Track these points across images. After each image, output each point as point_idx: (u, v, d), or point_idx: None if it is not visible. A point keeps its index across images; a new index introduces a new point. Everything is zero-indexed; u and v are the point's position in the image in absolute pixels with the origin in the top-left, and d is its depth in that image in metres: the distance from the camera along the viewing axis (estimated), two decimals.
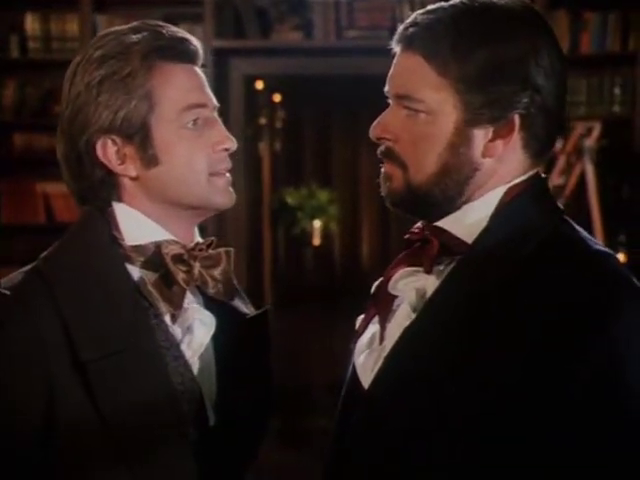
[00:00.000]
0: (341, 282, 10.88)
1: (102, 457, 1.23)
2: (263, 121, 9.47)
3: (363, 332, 1.28)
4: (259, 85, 7.94)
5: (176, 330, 1.31)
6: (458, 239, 1.21)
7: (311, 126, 11.44)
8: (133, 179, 1.30)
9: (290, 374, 7.37)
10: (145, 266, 1.29)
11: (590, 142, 4.57)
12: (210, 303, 1.37)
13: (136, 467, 1.24)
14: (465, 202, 1.22)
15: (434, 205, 1.24)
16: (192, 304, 1.33)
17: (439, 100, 1.19)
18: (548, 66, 1.19)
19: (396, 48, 1.26)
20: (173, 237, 1.31)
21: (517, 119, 1.18)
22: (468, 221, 1.21)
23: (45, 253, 1.32)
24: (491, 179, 1.22)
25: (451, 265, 1.21)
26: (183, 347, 1.31)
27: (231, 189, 1.34)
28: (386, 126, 1.24)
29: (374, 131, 1.25)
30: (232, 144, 1.32)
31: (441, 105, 1.19)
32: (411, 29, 1.21)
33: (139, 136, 1.28)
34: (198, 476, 1.29)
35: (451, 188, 1.22)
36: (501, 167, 1.21)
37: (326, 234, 11.20)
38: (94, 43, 1.32)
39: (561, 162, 4.62)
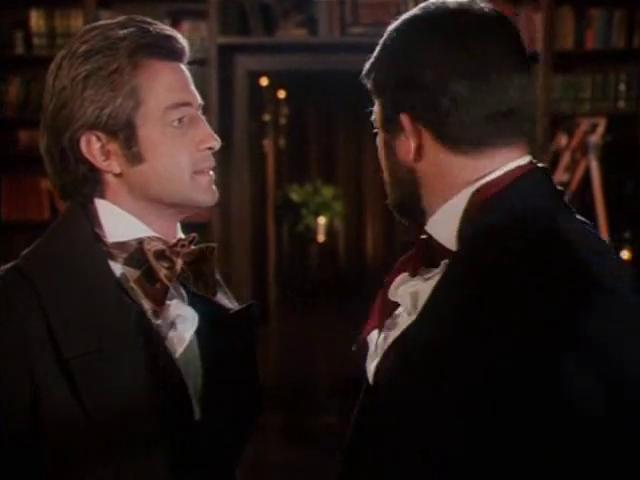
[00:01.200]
0: (346, 279, 10.78)
1: (87, 452, 1.23)
2: (267, 117, 9.49)
3: (368, 339, 1.25)
4: (263, 81, 7.94)
5: (159, 326, 1.30)
6: (439, 243, 1.18)
7: (315, 122, 11.42)
8: (116, 175, 1.30)
9: (294, 371, 7.44)
10: (127, 263, 1.29)
11: (595, 138, 4.56)
12: (194, 299, 1.36)
13: (120, 462, 1.24)
14: (438, 205, 1.19)
15: (414, 211, 1.23)
16: (174, 300, 1.33)
17: (375, 112, 1.25)
18: (440, 64, 1.15)
19: None
20: (155, 234, 1.31)
21: (406, 119, 1.17)
22: (444, 224, 1.17)
23: (27, 250, 1.32)
24: (444, 180, 1.19)
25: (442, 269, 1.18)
26: (166, 343, 1.30)
27: (214, 187, 1.34)
28: None
29: None
30: (216, 143, 1.32)
31: (375, 117, 1.25)
32: None
33: (124, 133, 1.27)
34: (183, 471, 1.30)
35: (408, 195, 1.22)
36: (440, 168, 1.18)
37: (330, 231, 11.14)
38: (80, 37, 1.31)
39: (566, 158, 4.62)
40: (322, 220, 10.79)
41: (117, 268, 1.29)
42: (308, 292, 10.36)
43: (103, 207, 1.31)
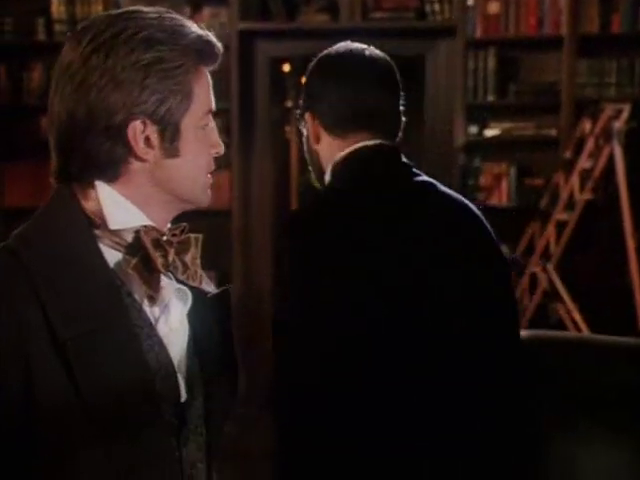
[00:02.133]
0: None
1: (80, 434, 1.25)
2: (290, 104, 9.46)
3: None
4: (286, 67, 7.93)
5: (154, 309, 1.34)
6: None
7: None
8: (144, 164, 1.32)
9: None
10: (122, 249, 1.32)
11: (619, 124, 4.53)
12: (179, 285, 1.41)
13: (112, 443, 1.25)
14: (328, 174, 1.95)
15: (323, 180, 1.96)
16: (167, 284, 1.36)
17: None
18: (323, 85, 1.88)
19: None
20: (152, 223, 1.34)
21: (309, 117, 1.91)
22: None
23: (18, 231, 1.32)
24: (328, 155, 1.89)
25: None
26: (160, 325, 1.34)
27: (210, 189, 1.42)
28: None
29: None
30: (223, 151, 1.40)
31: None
32: None
33: (172, 128, 1.31)
34: (172, 452, 1.33)
35: (317, 168, 1.95)
36: (327, 148, 1.88)
37: None
38: (129, 20, 1.30)
39: (590, 145, 4.58)
40: None
41: (111, 254, 1.32)
42: None
43: (105, 192, 1.33)
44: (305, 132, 1.92)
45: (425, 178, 1.84)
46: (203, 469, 1.41)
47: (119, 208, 1.33)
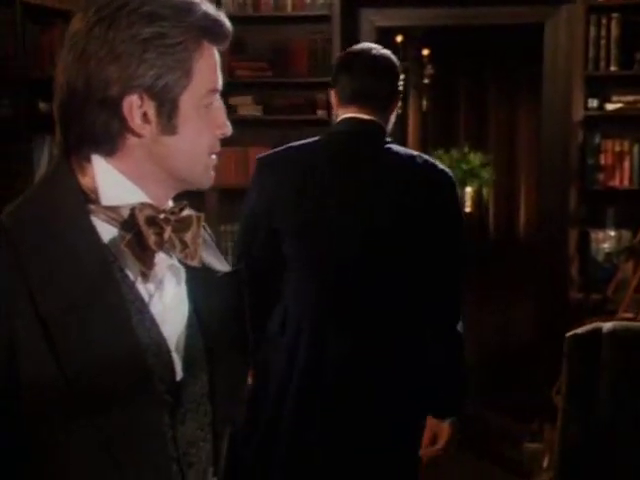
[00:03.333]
0: (495, 257, 9.62)
1: (66, 408, 1.21)
2: (405, 77, 7.68)
3: None
4: (399, 38, 6.80)
5: (148, 286, 1.32)
6: None
7: (464, 82, 10.40)
8: (141, 140, 1.30)
9: None
10: (118, 225, 1.30)
11: None
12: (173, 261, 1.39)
13: (99, 417, 1.21)
14: None
15: None
16: (162, 259, 1.33)
17: None
18: (337, 74, 2.61)
19: None
20: (149, 200, 1.32)
21: (333, 93, 2.65)
22: None
23: (12, 204, 1.30)
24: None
25: None
26: (154, 302, 1.32)
27: (213, 170, 1.39)
28: None
29: None
30: (230, 131, 1.38)
31: None
32: None
33: (169, 105, 1.29)
34: (164, 429, 1.31)
35: None
36: (338, 114, 2.61)
37: (478, 201, 10.05)
38: None
39: None
40: (469, 189, 9.74)
41: (106, 229, 1.30)
42: None
43: (101, 167, 1.31)
44: (332, 101, 2.63)
45: (389, 144, 2.53)
46: (208, 448, 1.40)
47: (115, 184, 1.31)
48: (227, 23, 1.34)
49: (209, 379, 1.39)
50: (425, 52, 9.47)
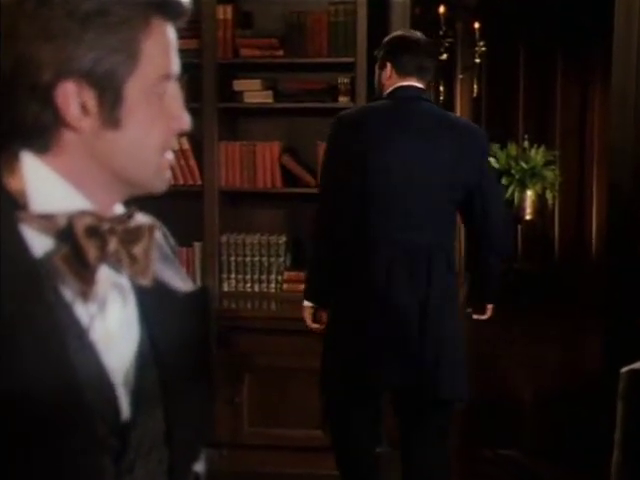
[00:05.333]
0: (560, 272, 9.51)
1: None
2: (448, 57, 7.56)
3: None
4: (441, 9, 6.69)
5: (89, 307, 1.25)
6: None
7: (524, 63, 9.96)
8: (79, 135, 1.25)
9: (476, 390, 5.88)
10: (51, 235, 1.24)
11: None
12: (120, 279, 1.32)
13: (24, 470, 1.17)
14: None
15: None
16: (106, 275, 1.28)
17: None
18: (384, 53, 4.01)
19: None
20: (90, 206, 1.27)
21: (387, 64, 3.86)
22: None
23: None
24: (388, 87, 3.84)
25: None
26: (96, 325, 1.26)
27: (168, 171, 1.34)
28: None
29: None
30: (188, 126, 1.32)
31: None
32: None
33: (111, 93, 1.24)
34: (107, 478, 1.24)
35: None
36: (389, 84, 3.87)
37: (541, 207, 9.26)
38: None
39: None
40: (530, 193, 8.92)
41: (41, 240, 1.24)
42: (508, 289, 7.88)
43: (31, 166, 1.25)
44: (380, 72, 3.80)
45: (433, 105, 3.93)
46: None
47: (48, 186, 1.25)
48: None
49: (165, 418, 1.33)
50: (476, 25, 8.85)
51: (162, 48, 1.28)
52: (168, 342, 1.35)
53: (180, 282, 1.41)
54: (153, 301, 1.34)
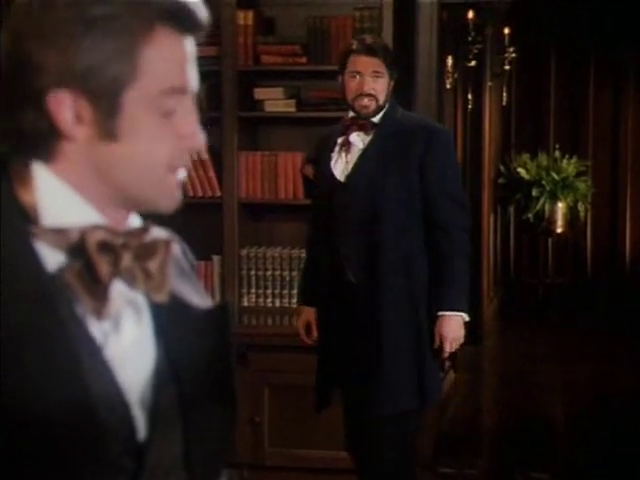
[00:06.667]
0: (594, 287, 9.42)
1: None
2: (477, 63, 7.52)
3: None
4: (470, 14, 6.63)
5: (102, 325, 1.24)
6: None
7: (555, 68, 9.87)
8: (74, 143, 1.24)
9: (511, 410, 6.41)
10: (63, 250, 1.23)
11: None
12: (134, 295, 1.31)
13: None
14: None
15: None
16: (120, 289, 1.27)
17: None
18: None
19: None
20: (103, 220, 1.26)
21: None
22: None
23: None
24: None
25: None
26: (110, 343, 1.25)
27: (179, 190, 1.29)
28: None
29: None
30: (201, 146, 1.28)
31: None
32: None
33: (108, 101, 1.21)
34: None
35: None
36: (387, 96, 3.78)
37: (573, 219, 9.49)
38: None
39: None
40: (561, 205, 9.23)
41: (52, 256, 1.23)
42: (539, 303, 9.39)
43: (42, 176, 1.23)
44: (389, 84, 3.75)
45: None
46: None
47: (59, 198, 1.24)
48: (197, 6, 1.26)
49: (184, 439, 1.32)
50: (506, 31, 8.83)
51: (167, 59, 1.24)
52: (186, 360, 1.34)
53: (199, 299, 1.39)
54: (170, 318, 1.33)
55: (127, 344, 1.29)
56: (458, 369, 6.53)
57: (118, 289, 1.26)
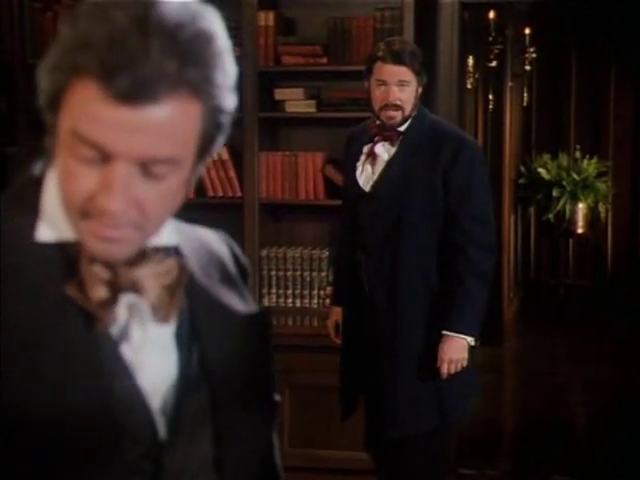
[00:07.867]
0: (613, 288, 9.37)
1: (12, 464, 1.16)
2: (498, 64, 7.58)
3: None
4: (491, 14, 6.65)
5: (119, 330, 1.24)
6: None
7: (576, 69, 9.81)
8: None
9: (533, 412, 6.39)
10: (64, 263, 1.23)
11: None
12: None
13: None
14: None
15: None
16: (129, 297, 1.24)
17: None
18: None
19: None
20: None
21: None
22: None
23: None
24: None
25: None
26: (132, 343, 1.25)
27: (99, 243, 1.18)
28: None
29: None
30: (110, 208, 1.14)
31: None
32: None
33: (48, 117, 1.20)
34: None
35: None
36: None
37: (594, 220, 9.48)
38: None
39: None
40: (582, 206, 9.21)
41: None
42: (560, 305, 9.42)
43: (50, 185, 1.23)
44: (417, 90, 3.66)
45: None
46: None
47: (58, 210, 1.22)
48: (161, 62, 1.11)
49: (215, 444, 1.30)
50: (527, 31, 8.79)
51: (83, 110, 1.14)
52: (223, 364, 1.33)
53: (241, 304, 1.38)
54: (208, 323, 1.33)
55: (147, 345, 1.29)
56: (478, 371, 6.52)
57: (127, 297, 1.25)
